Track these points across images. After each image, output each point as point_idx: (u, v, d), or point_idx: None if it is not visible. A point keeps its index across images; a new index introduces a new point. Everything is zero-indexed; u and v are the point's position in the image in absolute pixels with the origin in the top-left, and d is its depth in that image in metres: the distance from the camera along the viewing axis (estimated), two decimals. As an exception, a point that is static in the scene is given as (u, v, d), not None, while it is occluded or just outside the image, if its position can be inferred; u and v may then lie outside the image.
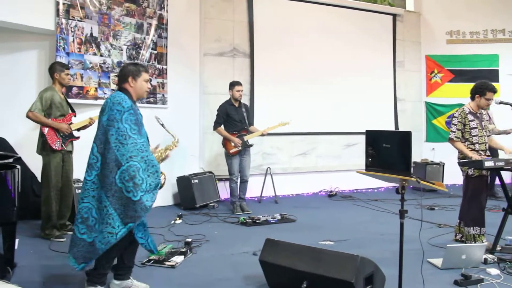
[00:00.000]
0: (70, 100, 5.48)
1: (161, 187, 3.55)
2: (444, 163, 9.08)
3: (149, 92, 4.01)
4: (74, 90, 6.08)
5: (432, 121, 10.13)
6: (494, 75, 9.72)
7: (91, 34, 6.30)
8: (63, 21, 5.97)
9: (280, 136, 8.29)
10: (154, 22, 7.14)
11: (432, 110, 10.12)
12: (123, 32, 6.71)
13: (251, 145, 6.89)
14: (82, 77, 6.18)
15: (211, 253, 4.75)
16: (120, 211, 3.22)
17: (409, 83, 10.00)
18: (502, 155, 5.87)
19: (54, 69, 5.19)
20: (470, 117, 4.94)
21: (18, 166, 3.83)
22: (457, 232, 5.12)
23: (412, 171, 3.27)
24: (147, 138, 3.53)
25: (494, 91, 4.94)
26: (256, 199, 7.88)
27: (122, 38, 6.71)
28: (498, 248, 4.66)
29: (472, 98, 5.03)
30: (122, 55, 6.69)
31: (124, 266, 3.62)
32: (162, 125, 3.99)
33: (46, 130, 4.98)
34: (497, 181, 7.36)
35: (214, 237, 5.41)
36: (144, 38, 7.02)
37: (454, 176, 5.58)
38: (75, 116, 5.31)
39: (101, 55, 6.43)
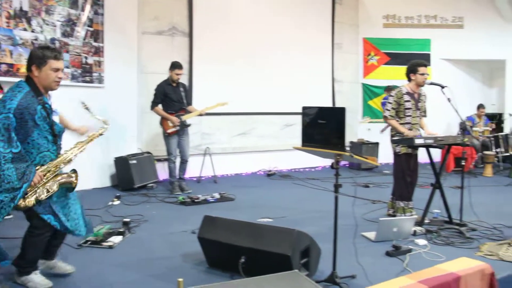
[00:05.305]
0: (-2, 78, 5.21)
1: (73, 189, 3.30)
2: (378, 143, 9.39)
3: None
4: (3, 67, 5.76)
5: (368, 102, 10.44)
6: (426, 58, 10.06)
7: (21, 8, 5.96)
8: (-11, -8, 5.62)
9: (220, 116, 8.26)
10: (89, -3, 6.86)
11: (368, 91, 10.43)
12: (56, 7, 6.38)
13: (189, 125, 6.82)
14: (11, 54, 5.86)
15: (149, 233, 4.71)
16: None
17: (346, 65, 10.22)
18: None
19: None
20: (406, 97, 5.13)
21: None
22: (390, 207, 5.36)
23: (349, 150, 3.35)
24: (54, 133, 3.21)
25: (424, 65, 5.16)
26: (195, 179, 7.84)
27: (56, 13, 6.38)
28: (427, 221, 4.94)
29: (409, 79, 5.22)
30: (55, 32, 6.38)
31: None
32: (87, 109, 3.59)
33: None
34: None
35: (153, 217, 5.36)
36: (79, 14, 6.73)
37: (388, 155, 5.78)
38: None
39: (32, 31, 6.10)
